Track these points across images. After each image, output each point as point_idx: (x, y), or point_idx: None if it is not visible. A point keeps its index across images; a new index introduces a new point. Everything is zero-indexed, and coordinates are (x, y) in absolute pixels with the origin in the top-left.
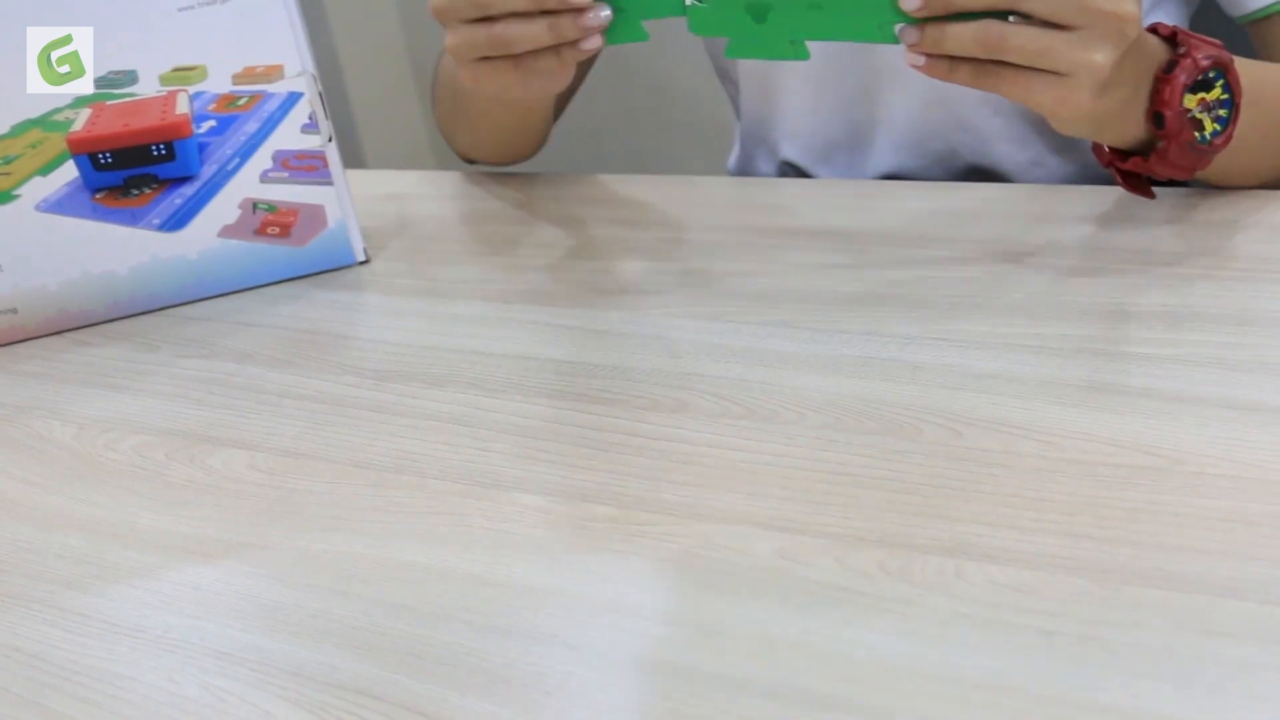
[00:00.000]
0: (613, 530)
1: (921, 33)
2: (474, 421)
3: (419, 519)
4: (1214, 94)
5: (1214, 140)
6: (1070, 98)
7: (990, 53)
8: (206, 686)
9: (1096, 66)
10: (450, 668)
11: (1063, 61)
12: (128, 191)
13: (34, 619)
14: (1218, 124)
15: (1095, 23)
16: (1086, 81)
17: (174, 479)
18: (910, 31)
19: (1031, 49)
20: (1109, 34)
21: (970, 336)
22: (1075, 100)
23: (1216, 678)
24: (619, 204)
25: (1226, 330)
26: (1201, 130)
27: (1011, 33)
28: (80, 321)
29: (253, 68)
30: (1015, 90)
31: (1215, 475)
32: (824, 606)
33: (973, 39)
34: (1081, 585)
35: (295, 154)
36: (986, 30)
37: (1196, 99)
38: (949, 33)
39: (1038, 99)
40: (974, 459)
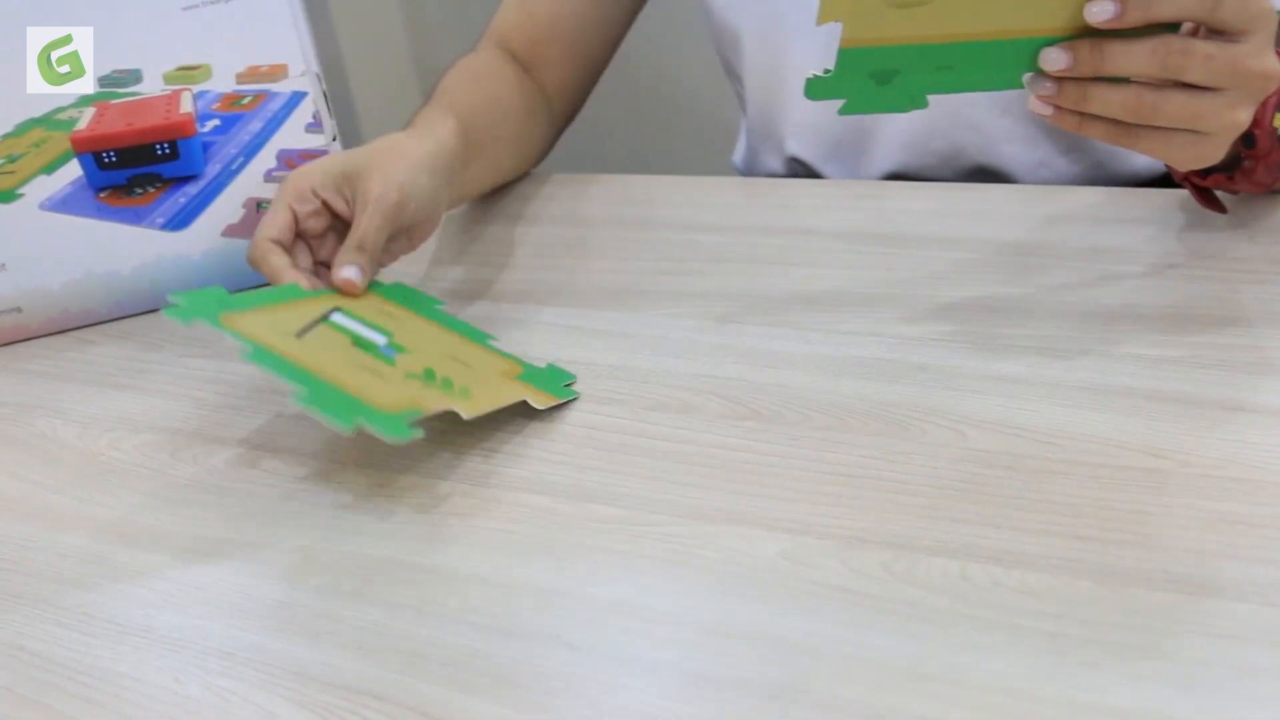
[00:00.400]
0: (617, 531)
1: (1059, 87)
2: (478, 421)
3: (423, 519)
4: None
5: None
6: (1208, 153)
7: (1140, 119)
8: (210, 686)
9: (1239, 124)
10: (454, 668)
11: (1210, 123)
12: (131, 190)
13: (38, 618)
14: None
15: (1245, 84)
16: (1225, 138)
17: (178, 478)
18: (1043, 84)
19: (1182, 115)
20: (1253, 91)
21: (975, 338)
22: (1213, 155)
23: (1221, 680)
24: (622, 204)
25: (1232, 333)
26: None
27: (1163, 100)
28: (84, 321)
29: (257, 67)
30: (1154, 149)
31: (1220, 478)
32: (828, 608)
33: (1122, 105)
34: (1086, 587)
35: (299, 153)
36: (1139, 99)
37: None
38: (1094, 95)
39: (1176, 156)
40: (979, 460)
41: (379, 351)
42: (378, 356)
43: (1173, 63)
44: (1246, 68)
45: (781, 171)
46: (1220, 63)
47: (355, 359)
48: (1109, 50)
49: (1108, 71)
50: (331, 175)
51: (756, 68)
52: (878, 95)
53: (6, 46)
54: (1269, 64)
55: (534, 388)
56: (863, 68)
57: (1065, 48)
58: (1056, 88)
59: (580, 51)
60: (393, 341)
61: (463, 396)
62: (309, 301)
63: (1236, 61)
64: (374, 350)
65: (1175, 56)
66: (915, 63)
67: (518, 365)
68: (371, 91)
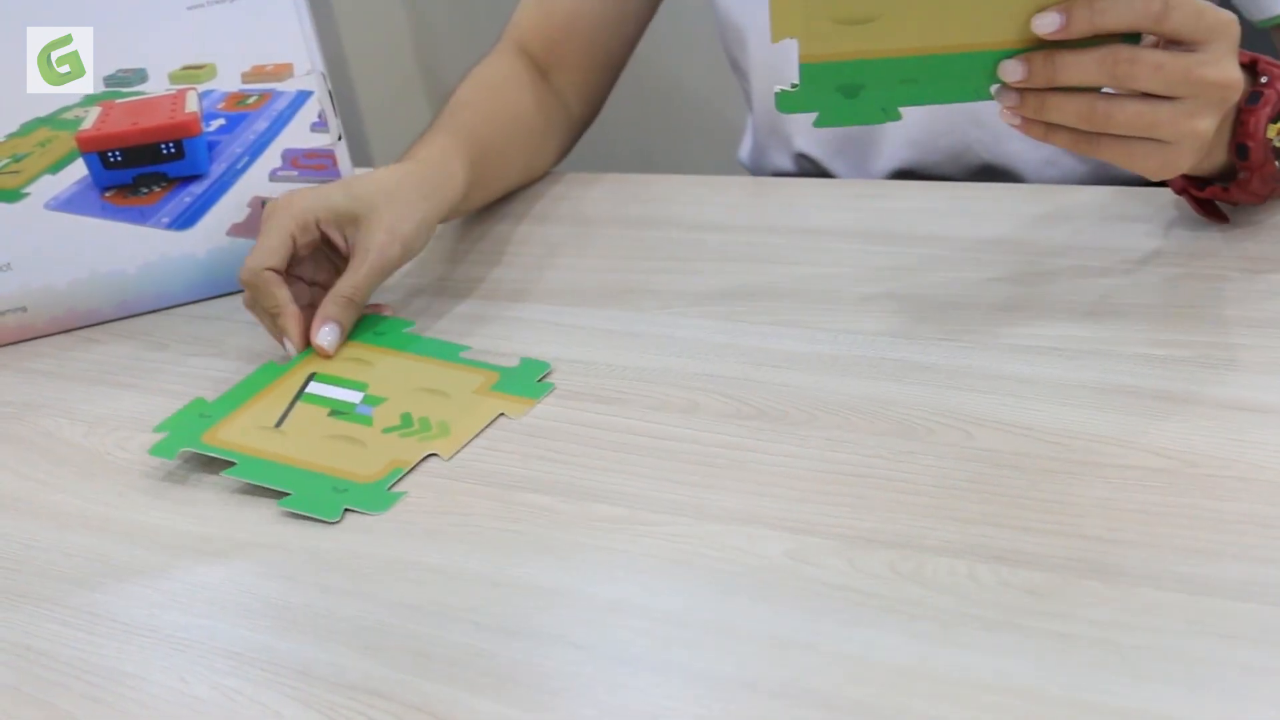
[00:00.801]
0: (621, 530)
1: (1020, 97)
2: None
3: (427, 518)
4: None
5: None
6: (1172, 162)
7: (1094, 127)
8: (216, 686)
9: (1201, 133)
10: (458, 667)
11: (1169, 131)
12: (137, 190)
13: (44, 617)
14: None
15: (1201, 92)
16: (1190, 147)
17: (183, 477)
18: (1008, 95)
19: (1138, 124)
20: (1213, 101)
21: (982, 338)
22: (1177, 164)
23: (1229, 681)
24: (629, 203)
25: (1239, 333)
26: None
27: (1117, 108)
28: (89, 320)
29: (262, 66)
30: (1117, 157)
31: (1227, 477)
32: (834, 607)
33: (1076, 114)
34: (1093, 587)
35: (304, 152)
36: (1092, 107)
37: (1277, 129)
38: (1050, 104)
39: (1140, 165)
40: (985, 460)
41: (356, 413)
42: (355, 420)
43: (1120, 72)
44: (1201, 77)
45: (789, 168)
46: (1172, 72)
47: (334, 432)
48: (1060, 61)
49: (1061, 81)
50: (337, 213)
51: (762, 64)
52: (848, 108)
53: (8, 46)
54: (1227, 73)
55: (510, 396)
56: (828, 82)
57: (1021, 59)
58: (1019, 98)
59: (599, 51)
60: (368, 395)
61: (441, 434)
62: (285, 378)
63: (1190, 71)
64: (351, 413)
65: (1123, 66)
66: (878, 76)
67: (492, 373)
68: (376, 91)
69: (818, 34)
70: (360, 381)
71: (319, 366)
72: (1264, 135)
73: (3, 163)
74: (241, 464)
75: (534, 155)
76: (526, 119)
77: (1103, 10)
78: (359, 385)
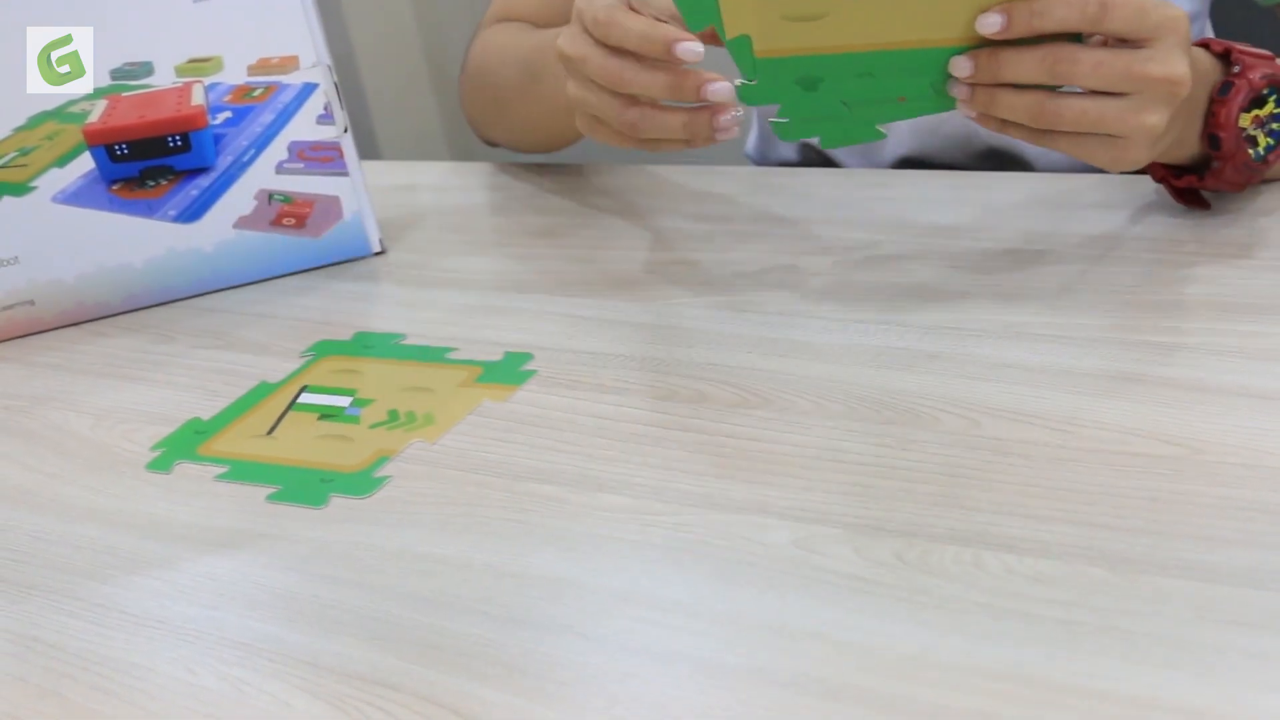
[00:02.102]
0: (628, 520)
1: (972, 92)
2: (489, 412)
3: (435, 509)
4: (1267, 109)
5: (1268, 156)
6: (1126, 156)
7: (1043, 124)
8: (224, 677)
9: (1150, 127)
10: (467, 658)
11: (1117, 127)
12: (144, 183)
13: (52, 609)
14: (1271, 138)
15: (1146, 88)
16: (1142, 141)
17: (191, 470)
18: (961, 89)
19: (1085, 120)
20: (1160, 96)
21: (988, 326)
22: (1131, 158)
23: (1236, 668)
24: (635, 193)
25: (1246, 319)
26: (1256, 147)
27: (1064, 105)
28: (97, 313)
29: (268, 59)
30: (1071, 150)
31: (1234, 464)
32: (841, 596)
33: (1025, 110)
34: (1100, 575)
35: (311, 145)
36: (1040, 104)
37: (1250, 117)
38: (999, 100)
39: (1094, 158)
40: (992, 448)
41: (344, 415)
42: (343, 420)
43: (1061, 70)
44: (1144, 73)
45: (795, 158)
46: (1112, 69)
47: (323, 432)
48: (1003, 58)
49: (1005, 79)
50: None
51: None
52: (810, 101)
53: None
54: (1173, 69)
55: (494, 384)
56: (785, 75)
57: (969, 56)
58: (971, 92)
59: None
60: (357, 399)
61: (426, 424)
62: (277, 394)
63: (1131, 68)
64: (340, 415)
65: (1063, 64)
66: (834, 70)
67: (476, 367)
68: (383, 83)
69: (769, 30)
70: (349, 388)
71: (310, 380)
72: (1235, 125)
73: (10, 156)
74: (233, 468)
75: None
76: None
77: (1041, 12)
78: (348, 391)
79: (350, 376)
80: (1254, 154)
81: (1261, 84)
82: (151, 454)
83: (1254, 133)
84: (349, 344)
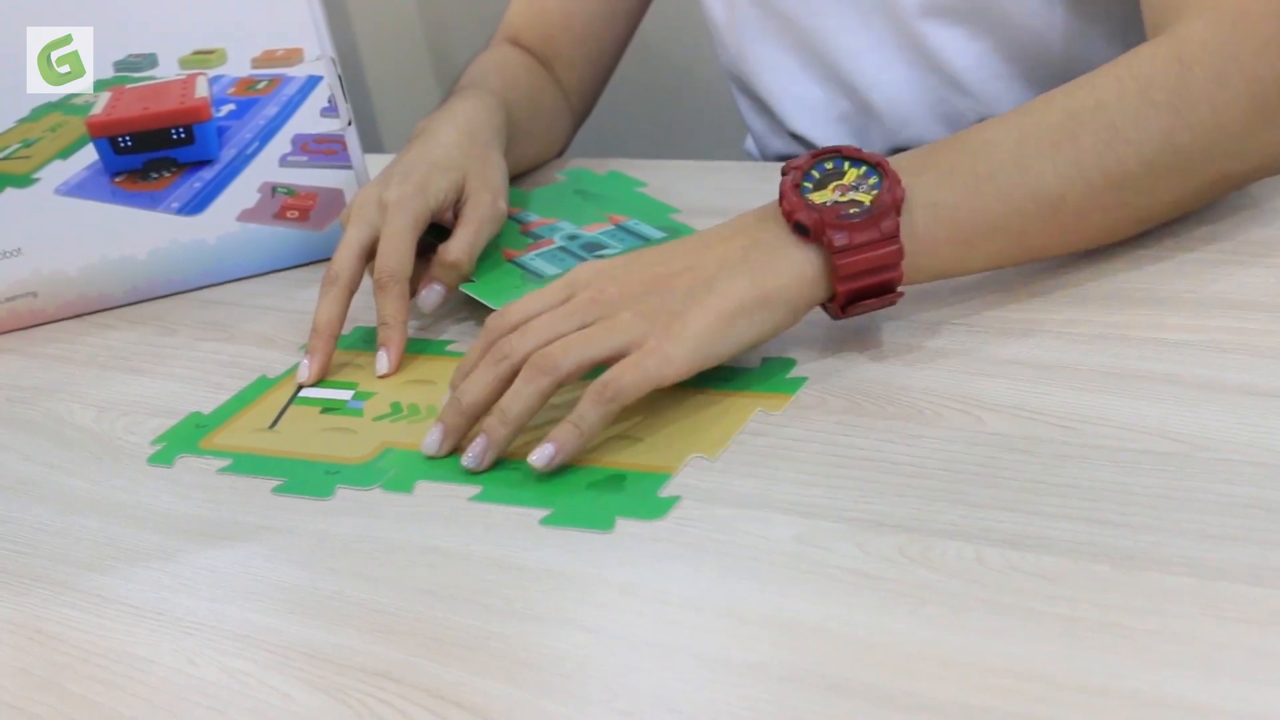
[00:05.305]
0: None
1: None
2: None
3: (436, 503)
4: (849, 176)
5: (881, 196)
6: (665, 349)
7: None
8: (225, 669)
9: (621, 328)
10: (469, 650)
11: (595, 350)
12: (147, 175)
13: (54, 601)
14: (874, 190)
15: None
16: (626, 339)
17: (193, 462)
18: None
19: (539, 400)
20: (576, 310)
21: (991, 322)
22: (669, 349)
23: (1239, 665)
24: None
25: (1251, 316)
26: (860, 205)
27: (511, 394)
28: (100, 305)
29: (272, 51)
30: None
31: (1239, 461)
32: (843, 591)
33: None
34: (1103, 571)
35: (314, 138)
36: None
37: (830, 189)
38: (487, 429)
39: (641, 380)
40: (995, 444)
41: (347, 408)
42: (346, 413)
43: (476, 381)
44: (505, 327)
45: (790, 151)
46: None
47: (325, 425)
48: (461, 390)
49: (471, 408)
50: (452, 195)
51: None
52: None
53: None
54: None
55: None
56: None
57: (433, 428)
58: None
59: (593, 47)
60: (359, 392)
61: (430, 417)
62: (277, 388)
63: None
64: (342, 408)
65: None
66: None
67: None
68: (386, 75)
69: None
70: (350, 382)
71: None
72: (805, 203)
73: (13, 148)
74: (236, 461)
75: (550, 129)
76: (543, 94)
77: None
78: (349, 385)
79: (353, 371)
80: (861, 209)
81: (806, 162)
82: (153, 448)
83: (845, 199)
84: (350, 337)
